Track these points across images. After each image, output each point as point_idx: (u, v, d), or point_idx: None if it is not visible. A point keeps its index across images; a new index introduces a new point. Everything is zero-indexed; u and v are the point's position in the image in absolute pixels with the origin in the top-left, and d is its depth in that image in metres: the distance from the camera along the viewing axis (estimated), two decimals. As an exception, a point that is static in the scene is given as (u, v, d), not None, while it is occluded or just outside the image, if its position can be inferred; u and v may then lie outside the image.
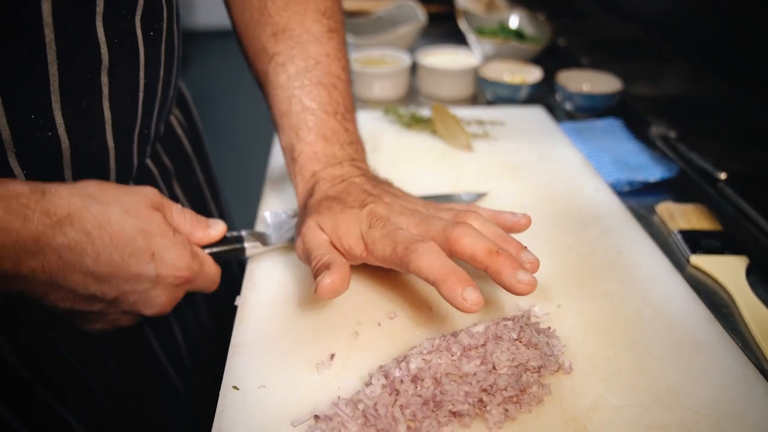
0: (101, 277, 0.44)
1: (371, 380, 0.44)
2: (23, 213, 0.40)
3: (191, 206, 0.74)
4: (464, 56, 1.16)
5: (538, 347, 0.46)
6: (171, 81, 0.63)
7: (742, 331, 0.56)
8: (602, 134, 0.91)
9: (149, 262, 0.47)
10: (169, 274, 0.48)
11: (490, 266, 0.46)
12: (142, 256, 0.46)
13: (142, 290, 0.47)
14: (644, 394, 0.45)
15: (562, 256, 0.61)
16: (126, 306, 0.48)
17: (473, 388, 0.42)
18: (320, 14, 0.63)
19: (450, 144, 0.84)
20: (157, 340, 0.70)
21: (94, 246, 0.43)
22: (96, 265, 0.44)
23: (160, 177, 0.67)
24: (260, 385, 0.46)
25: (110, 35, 0.49)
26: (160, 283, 0.48)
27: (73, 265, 0.43)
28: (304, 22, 0.63)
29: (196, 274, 0.51)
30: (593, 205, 0.70)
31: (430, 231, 0.50)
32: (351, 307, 0.54)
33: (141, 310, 0.49)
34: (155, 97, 0.59)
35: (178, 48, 0.63)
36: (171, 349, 0.73)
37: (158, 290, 0.49)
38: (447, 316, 0.53)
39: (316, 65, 0.62)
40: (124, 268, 0.45)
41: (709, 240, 0.67)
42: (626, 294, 0.55)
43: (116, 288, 0.46)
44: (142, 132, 0.58)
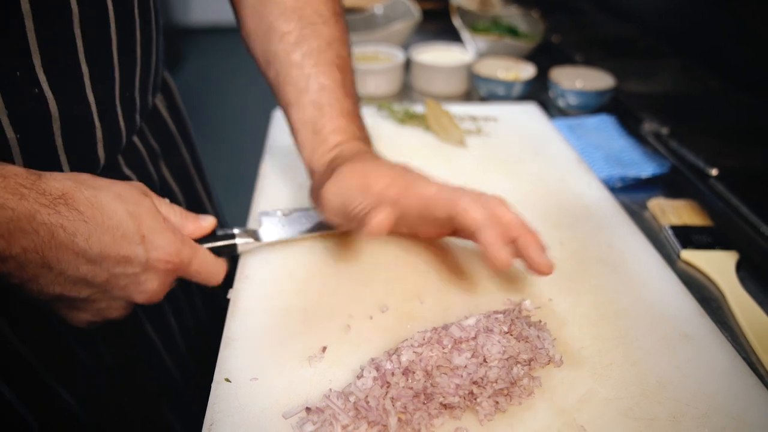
0: (92, 258, 0.44)
1: (363, 373, 0.44)
2: (19, 191, 0.41)
3: (179, 186, 0.76)
4: (458, 53, 1.16)
5: (528, 340, 0.47)
6: (151, 49, 0.64)
7: (731, 325, 0.57)
8: (595, 131, 0.91)
9: (139, 244, 0.47)
10: (159, 257, 0.48)
11: (521, 237, 0.50)
12: (133, 237, 0.46)
13: (132, 274, 0.47)
14: (634, 386, 0.45)
15: (555, 250, 0.61)
16: (116, 291, 0.48)
17: (464, 380, 0.43)
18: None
19: (443, 140, 0.85)
20: (155, 331, 0.70)
21: (86, 225, 0.44)
22: (87, 245, 0.44)
23: (148, 157, 0.68)
24: (252, 377, 0.46)
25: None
26: (150, 268, 0.48)
27: (66, 245, 0.43)
28: (313, 3, 0.64)
29: (187, 261, 0.51)
30: (586, 200, 0.70)
31: (467, 193, 0.52)
32: (343, 300, 0.54)
33: (131, 295, 0.49)
34: (134, 59, 0.59)
35: (157, 18, 0.64)
36: (168, 340, 0.73)
37: (149, 275, 0.48)
38: (438, 309, 0.53)
39: (329, 47, 0.63)
40: (114, 249, 0.45)
41: (700, 235, 0.67)
42: (617, 288, 0.56)
43: (106, 270, 0.46)
44: (123, 94, 0.59)
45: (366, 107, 0.95)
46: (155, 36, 0.64)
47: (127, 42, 0.58)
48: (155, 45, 0.65)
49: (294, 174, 0.75)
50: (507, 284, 0.56)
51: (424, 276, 0.57)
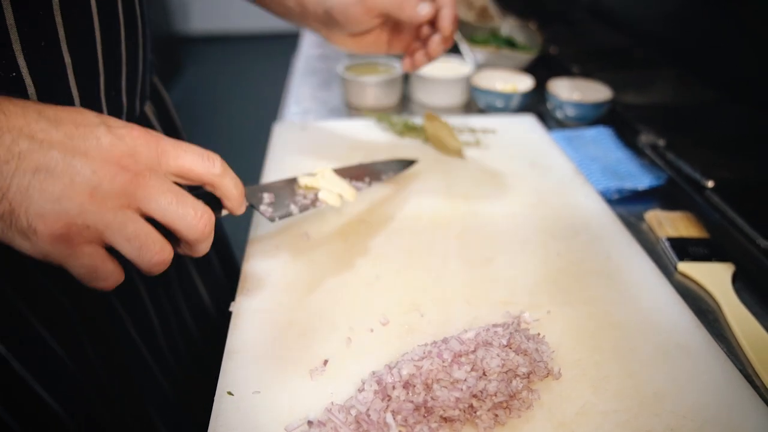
0: (49, 117, 0.40)
1: (364, 386, 0.45)
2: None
3: None
4: (456, 65, 1.17)
5: (527, 353, 0.47)
6: (137, 52, 0.65)
7: (728, 336, 0.57)
8: (592, 142, 0.92)
9: (97, 117, 0.42)
10: (119, 124, 0.42)
11: None
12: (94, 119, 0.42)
13: (93, 134, 0.41)
14: (631, 399, 0.46)
15: (552, 262, 0.62)
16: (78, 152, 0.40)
17: (464, 393, 0.43)
18: None
19: (442, 152, 0.85)
20: (138, 334, 0.71)
21: None
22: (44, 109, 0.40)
23: None
24: (254, 390, 0.47)
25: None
26: (110, 129, 0.42)
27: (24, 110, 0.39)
28: None
29: (155, 156, 0.43)
30: (583, 212, 0.71)
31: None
32: (344, 313, 0.54)
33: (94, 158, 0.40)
34: (119, 59, 0.61)
35: (144, 26, 0.66)
36: (151, 343, 0.74)
37: (108, 137, 0.41)
38: (438, 322, 0.53)
39: None
40: (71, 116, 0.41)
41: (697, 247, 0.68)
42: (615, 300, 0.56)
43: (63, 132, 0.40)
44: (109, 91, 0.60)
45: (365, 119, 0.96)
46: (142, 40, 0.66)
47: (111, 37, 0.59)
48: (142, 49, 0.67)
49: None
50: (506, 297, 0.57)
51: (424, 289, 0.58)
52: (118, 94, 0.62)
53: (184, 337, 0.82)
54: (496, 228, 0.68)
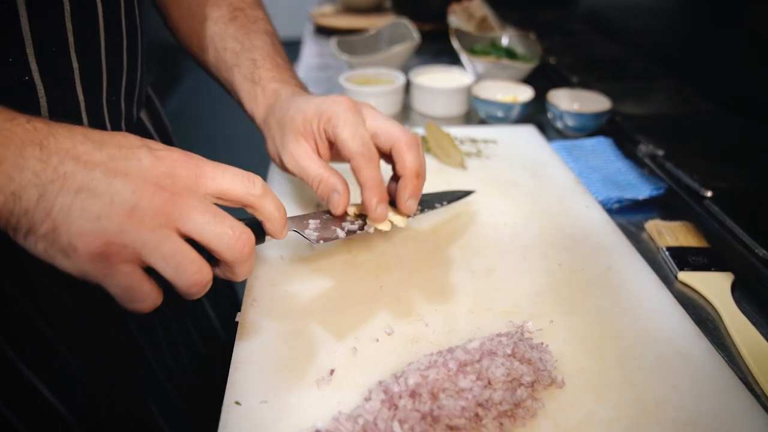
0: (94, 140, 0.41)
1: (370, 395, 0.46)
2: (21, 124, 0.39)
3: None
4: (457, 75, 1.18)
5: (531, 362, 0.48)
6: (137, 56, 0.67)
7: (728, 345, 0.58)
8: (592, 153, 0.93)
9: (140, 140, 0.43)
10: (159, 147, 0.43)
11: (410, 185, 0.60)
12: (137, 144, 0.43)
13: (134, 157, 0.41)
14: (633, 407, 0.47)
15: (554, 272, 0.63)
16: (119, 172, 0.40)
17: (469, 402, 0.44)
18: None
19: (444, 162, 0.86)
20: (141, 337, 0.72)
21: None
22: None
23: None
24: (262, 400, 0.47)
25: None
26: (150, 151, 0.42)
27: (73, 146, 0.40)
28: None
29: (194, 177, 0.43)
30: (584, 222, 0.72)
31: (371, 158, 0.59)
32: (349, 323, 0.55)
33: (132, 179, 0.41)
34: (120, 64, 0.63)
35: (142, 37, 0.69)
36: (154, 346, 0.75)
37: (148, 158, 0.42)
38: (443, 331, 0.54)
39: (256, 21, 0.75)
40: (116, 140, 0.42)
41: (696, 257, 0.69)
42: (616, 309, 0.57)
43: (106, 153, 0.41)
44: (110, 98, 0.62)
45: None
46: (141, 48, 0.69)
47: (114, 44, 0.61)
48: (141, 57, 0.69)
49: (301, 192, 0.76)
50: (509, 306, 0.57)
51: (428, 299, 0.58)
52: (117, 99, 0.64)
53: (186, 345, 0.83)
54: (498, 238, 0.68)
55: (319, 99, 0.61)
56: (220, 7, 0.74)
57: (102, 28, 0.59)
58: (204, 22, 0.74)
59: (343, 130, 0.58)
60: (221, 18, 0.73)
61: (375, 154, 0.58)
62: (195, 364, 0.85)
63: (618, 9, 1.48)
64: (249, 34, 0.72)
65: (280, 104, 0.65)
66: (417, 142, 0.60)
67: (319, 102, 0.60)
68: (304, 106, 0.61)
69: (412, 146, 0.59)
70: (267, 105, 0.67)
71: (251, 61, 0.70)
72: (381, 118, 0.61)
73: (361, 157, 0.57)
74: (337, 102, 0.59)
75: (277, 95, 0.67)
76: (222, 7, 0.74)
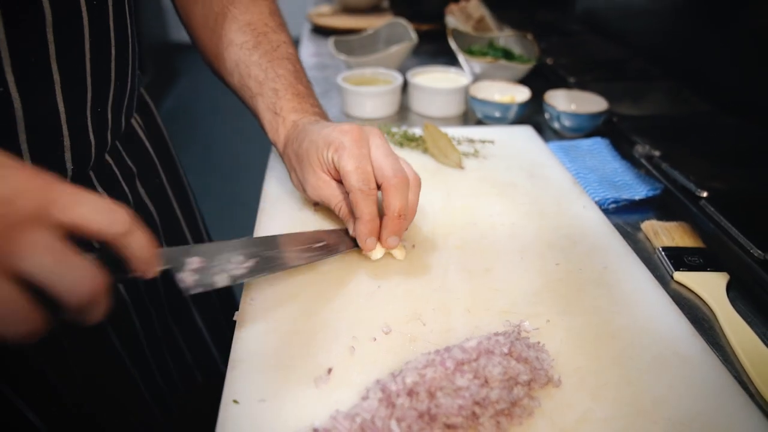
0: None
1: (368, 394, 0.46)
2: None
3: (154, 205, 0.79)
4: (455, 75, 1.19)
5: (528, 361, 0.48)
6: (127, 65, 0.67)
7: (723, 344, 0.58)
8: (589, 153, 0.93)
9: None
10: (5, 162, 0.36)
11: (391, 224, 0.60)
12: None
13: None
14: (630, 406, 0.47)
15: (551, 272, 0.63)
16: None
17: (466, 401, 0.44)
18: (273, 12, 0.80)
19: (441, 162, 0.87)
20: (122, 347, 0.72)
21: None
22: None
23: (122, 177, 0.71)
24: (260, 399, 0.47)
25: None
26: None
27: None
28: (262, 18, 0.77)
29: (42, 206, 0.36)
30: (581, 222, 0.72)
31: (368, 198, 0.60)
32: (347, 322, 0.55)
33: None
34: (108, 76, 0.63)
35: (133, 32, 0.68)
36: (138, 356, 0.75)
37: None
38: (440, 331, 0.54)
39: (279, 47, 0.75)
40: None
41: (692, 257, 0.69)
42: (612, 309, 0.58)
43: None
44: (95, 108, 0.61)
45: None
46: (131, 57, 0.68)
47: (101, 55, 0.61)
48: (131, 66, 0.69)
49: (295, 196, 0.76)
50: (506, 306, 0.58)
51: (425, 299, 0.59)
52: (104, 110, 0.63)
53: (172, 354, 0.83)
54: (496, 238, 0.69)
55: (329, 129, 0.62)
56: (245, 33, 0.75)
57: (87, 40, 0.58)
58: (229, 47, 0.75)
59: (347, 163, 0.59)
60: (246, 44, 0.74)
61: (373, 190, 0.60)
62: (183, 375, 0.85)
63: (615, 10, 1.48)
64: (273, 61, 0.73)
65: (296, 136, 0.67)
66: (405, 184, 0.60)
67: (328, 132, 0.62)
68: (316, 137, 0.63)
69: (399, 188, 0.59)
70: (286, 136, 0.69)
71: (273, 91, 0.71)
72: (381, 153, 0.61)
73: (360, 192, 0.59)
74: (345, 132, 0.61)
75: (296, 126, 0.68)
76: (247, 33, 0.75)
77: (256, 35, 0.75)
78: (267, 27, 0.77)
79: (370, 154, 0.61)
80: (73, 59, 0.57)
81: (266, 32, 0.76)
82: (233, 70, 0.75)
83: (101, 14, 0.60)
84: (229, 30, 0.76)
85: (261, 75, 0.73)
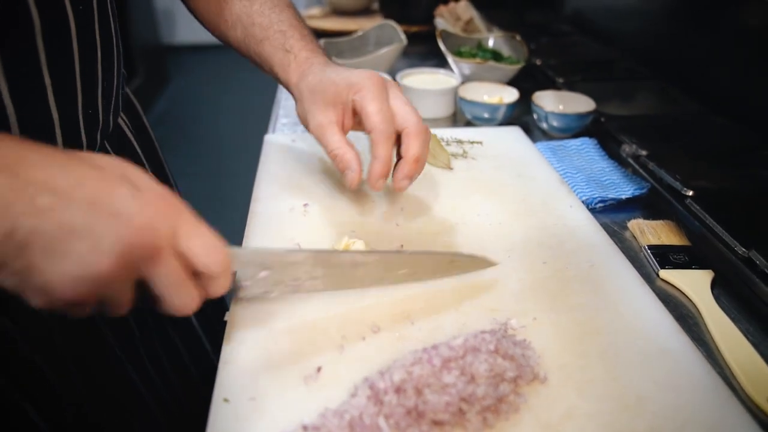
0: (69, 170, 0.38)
1: (357, 392, 0.46)
2: None
3: None
4: (444, 77, 1.20)
5: (514, 358, 0.49)
6: (112, 65, 0.68)
7: (707, 340, 0.59)
8: (576, 153, 0.94)
9: (119, 168, 0.41)
10: (143, 184, 0.41)
11: (407, 167, 0.65)
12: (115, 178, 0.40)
13: None
14: (615, 401, 0.48)
15: (538, 270, 0.64)
16: None
17: (453, 397, 0.45)
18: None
19: (430, 163, 0.87)
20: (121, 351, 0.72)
21: None
22: None
23: None
24: (250, 397, 0.48)
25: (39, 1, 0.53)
26: (134, 194, 0.40)
27: None
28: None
29: (171, 233, 0.41)
30: (568, 221, 0.73)
31: None
32: (336, 321, 0.56)
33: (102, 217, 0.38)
34: (95, 77, 0.63)
35: (116, 31, 0.69)
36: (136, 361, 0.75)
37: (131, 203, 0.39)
38: (428, 329, 0.55)
39: (280, 1, 0.79)
40: None
41: (678, 255, 0.70)
42: (598, 306, 0.58)
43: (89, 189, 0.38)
44: (86, 111, 0.62)
45: (354, 131, 0.98)
46: (116, 56, 0.69)
47: (88, 57, 0.62)
48: (116, 65, 0.69)
49: (285, 198, 0.77)
50: (493, 304, 0.58)
51: (413, 297, 0.59)
52: (95, 111, 0.64)
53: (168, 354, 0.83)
54: (484, 237, 0.69)
55: (351, 72, 0.66)
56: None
57: (75, 44, 0.59)
58: (229, 1, 0.78)
59: (371, 104, 0.63)
60: None
61: (393, 133, 0.64)
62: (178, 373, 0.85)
63: (604, 10, 1.50)
64: (274, 8, 0.76)
65: (312, 71, 0.69)
66: (426, 132, 0.66)
67: (351, 74, 0.65)
68: (336, 77, 0.66)
69: (420, 135, 0.65)
70: (300, 71, 0.71)
71: (281, 33, 0.74)
72: (401, 100, 0.66)
73: (381, 134, 0.63)
74: (369, 77, 0.64)
75: (310, 63, 0.71)
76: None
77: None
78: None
79: (390, 99, 0.64)
80: (64, 64, 0.57)
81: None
82: (235, 23, 0.77)
83: (87, 17, 0.60)
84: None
85: (265, 21, 0.75)
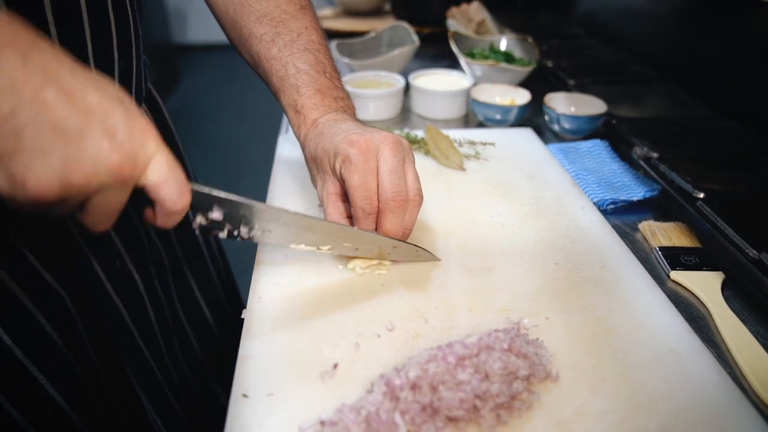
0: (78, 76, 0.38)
1: (373, 388, 0.48)
2: None
3: None
4: (456, 78, 1.20)
5: (527, 357, 0.50)
6: (130, 48, 0.68)
7: (717, 341, 0.60)
8: (588, 155, 0.95)
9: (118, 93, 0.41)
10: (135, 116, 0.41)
11: None
12: None
13: None
14: (626, 400, 0.48)
15: (550, 270, 0.64)
16: None
17: (468, 394, 0.46)
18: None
19: (443, 164, 0.88)
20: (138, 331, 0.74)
21: None
22: None
23: None
24: (268, 393, 0.49)
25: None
26: (127, 119, 0.40)
27: None
28: (280, 5, 0.75)
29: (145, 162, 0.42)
30: (580, 223, 0.73)
31: None
32: (352, 319, 0.57)
33: None
34: (111, 59, 0.64)
35: (134, 21, 0.69)
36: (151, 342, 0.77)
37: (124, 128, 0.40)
38: (442, 328, 0.56)
39: (299, 37, 0.73)
40: None
41: (688, 256, 0.70)
42: (610, 307, 0.59)
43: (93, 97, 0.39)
44: None
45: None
46: (134, 39, 0.69)
47: (101, 39, 0.62)
48: (135, 52, 0.69)
49: (299, 199, 0.78)
50: (506, 304, 0.59)
51: (427, 297, 0.60)
52: None
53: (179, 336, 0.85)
54: (496, 238, 0.70)
55: (340, 137, 0.61)
56: (262, 24, 0.73)
57: (87, 22, 0.58)
58: (249, 39, 0.74)
59: (352, 177, 0.59)
60: (264, 36, 0.73)
61: (374, 210, 0.60)
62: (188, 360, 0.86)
63: (615, 14, 1.50)
64: (293, 54, 0.71)
65: (313, 137, 0.66)
66: (401, 208, 0.60)
67: (339, 141, 0.61)
68: (328, 145, 0.62)
69: (395, 212, 0.60)
70: (306, 135, 0.69)
71: (294, 88, 0.70)
72: (386, 168, 0.60)
73: (360, 211, 0.60)
74: (353, 144, 0.60)
75: (315, 125, 0.68)
76: (264, 24, 0.73)
77: (275, 25, 0.73)
78: (285, 14, 0.74)
79: (378, 167, 0.60)
80: (74, 42, 0.58)
81: (285, 20, 0.74)
82: (256, 63, 0.75)
83: None
84: (248, 21, 0.74)
85: (282, 71, 0.71)
